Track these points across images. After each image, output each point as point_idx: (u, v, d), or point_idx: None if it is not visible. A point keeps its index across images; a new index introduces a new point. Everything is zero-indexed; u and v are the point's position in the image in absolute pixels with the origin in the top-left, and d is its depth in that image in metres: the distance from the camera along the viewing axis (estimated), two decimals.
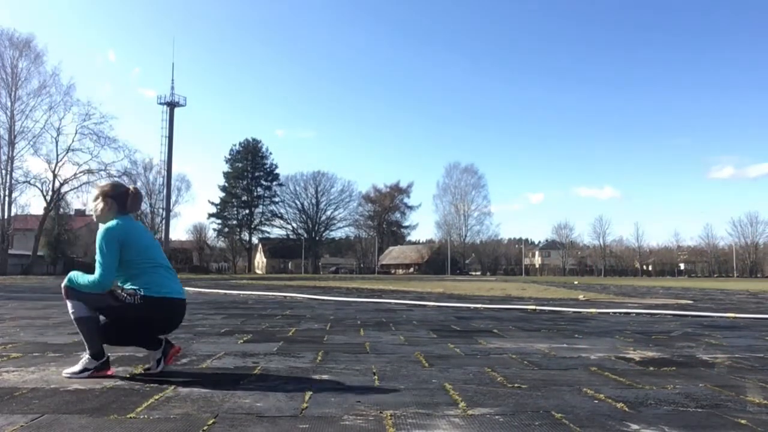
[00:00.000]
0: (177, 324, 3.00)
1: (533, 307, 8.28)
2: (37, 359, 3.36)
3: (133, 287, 2.84)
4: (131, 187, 3.04)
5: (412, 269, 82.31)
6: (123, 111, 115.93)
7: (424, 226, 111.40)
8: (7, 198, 41.47)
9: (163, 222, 62.45)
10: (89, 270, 2.88)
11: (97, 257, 2.81)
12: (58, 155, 43.43)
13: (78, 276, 2.85)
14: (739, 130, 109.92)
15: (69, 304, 2.83)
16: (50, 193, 43.43)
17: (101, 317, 2.84)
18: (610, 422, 2.03)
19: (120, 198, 2.96)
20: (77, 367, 2.83)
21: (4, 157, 41.12)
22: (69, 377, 2.81)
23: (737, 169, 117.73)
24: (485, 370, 3.12)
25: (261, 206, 78.93)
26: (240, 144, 79.11)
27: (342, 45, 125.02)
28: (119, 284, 2.91)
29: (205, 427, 1.92)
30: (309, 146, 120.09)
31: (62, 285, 2.86)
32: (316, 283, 21.84)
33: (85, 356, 2.84)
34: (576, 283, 27.47)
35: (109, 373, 2.86)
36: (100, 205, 2.96)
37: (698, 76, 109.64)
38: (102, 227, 2.86)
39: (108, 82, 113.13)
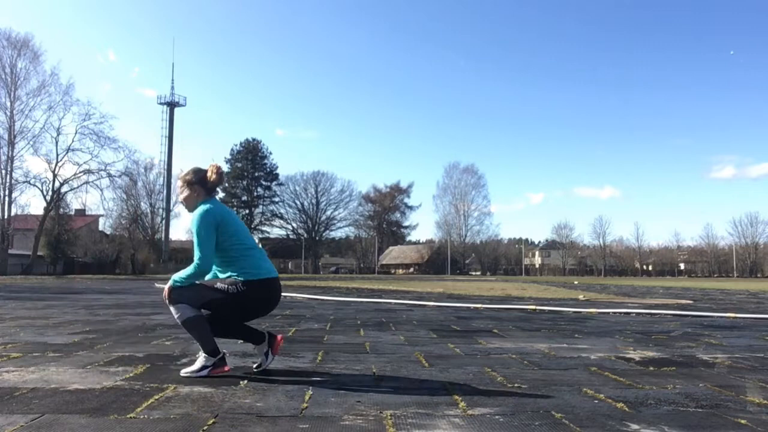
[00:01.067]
0: (276, 304, 2.97)
1: (533, 307, 8.28)
2: (37, 359, 3.36)
3: (232, 275, 2.82)
4: (211, 166, 3.01)
5: (412, 269, 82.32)
6: (123, 110, 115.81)
7: (424, 226, 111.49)
8: (7, 198, 41.47)
9: (163, 222, 62.41)
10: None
11: (195, 241, 2.78)
12: (58, 155, 43.45)
13: (180, 273, 2.84)
14: (740, 129, 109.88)
15: (173, 309, 2.82)
16: (50, 193, 43.42)
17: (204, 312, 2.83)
18: (610, 422, 2.03)
19: (203, 181, 2.95)
20: (196, 366, 2.84)
21: (4, 157, 41.12)
22: (189, 376, 2.81)
23: (738, 169, 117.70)
24: (485, 370, 3.12)
25: (261, 206, 79.01)
26: (240, 144, 79.17)
27: (342, 45, 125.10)
28: (216, 270, 2.89)
29: (205, 427, 1.92)
30: (309, 146, 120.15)
31: (165, 289, 2.85)
32: (316, 283, 21.84)
33: (202, 355, 2.83)
34: (576, 283, 27.47)
35: (226, 369, 2.86)
36: (187, 193, 2.95)
37: (699, 75, 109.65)
38: (196, 211, 2.84)
39: (108, 81, 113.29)
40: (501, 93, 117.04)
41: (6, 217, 41.53)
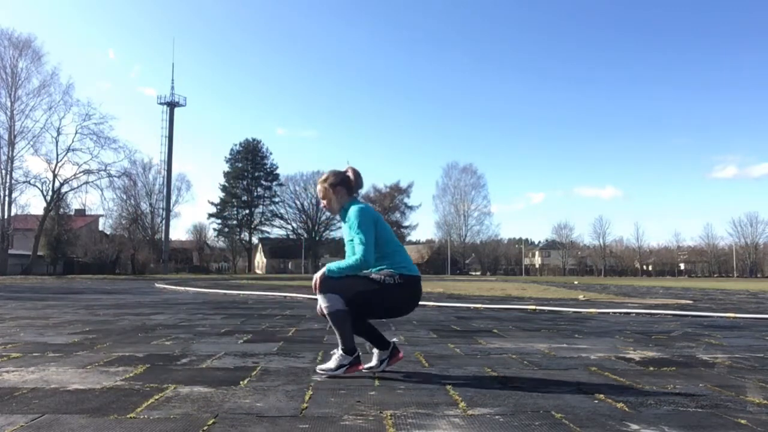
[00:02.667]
0: (415, 306, 2.97)
1: (533, 307, 8.28)
2: (37, 359, 3.36)
3: (389, 268, 2.84)
4: (348, 169, 3.03)
5: None
6: (123, 109, 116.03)
7: (424, 226, 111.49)
8: (7, 198, 41.49)
9: (163, 222, 62.42)
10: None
11: (357, 237, 2.79)
12: (58, 155, 43.49)
13: (336, 263, 2.83)
14: (743, 129, 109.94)
15: (322, 299, 2.82)
16: (50, 193, 43.44)
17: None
18: (610, 422, 2.03)
19: (345, 183, 2.98)
20: (332, 364, 2.85)
21: (4, 157, 41.13)
22: (324, 374, 2.83)
23: (740, 168, 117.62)
24: (485, 370, 3.12)
25: (261, 206, 78.94)
26: (240, 144, 79.12)
27: (342, 44, 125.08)
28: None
29: (205, 427, 1.92)
30: (310, 145, 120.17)
31: (316, 277, 2.84)
32: None
33: (338, 352, 2.84)
34: (576, 283, 27.47)
35: (360, 368, 2.87)
36: (333, 196, 2.96)
37: (699, 75, 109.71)
38: (354, 208, 2.85)
39: (108, 80, 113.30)
40: (501, 93, 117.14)
41: (6, 217, 41.53)
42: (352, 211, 2.85)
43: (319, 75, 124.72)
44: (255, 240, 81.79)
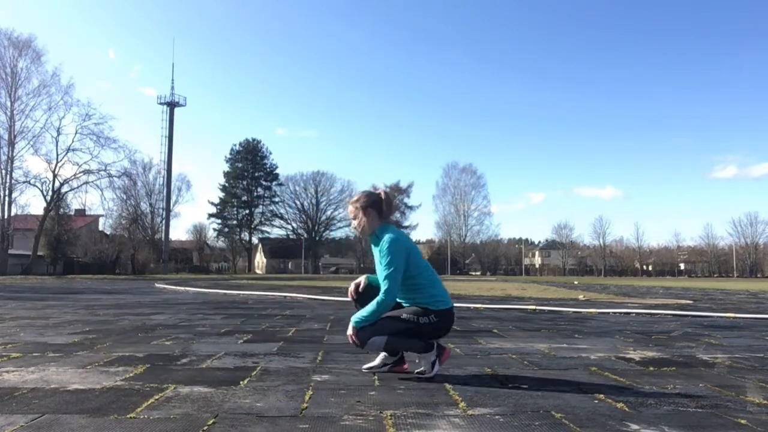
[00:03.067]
0: (447, 333, 2.95)
1: (533, 307, 8.28)
2: (37, 359, 3.36)
3: (419, 302, 2.81)
4: (381, 192, 2.99)
5: None
6: (123, 109, 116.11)
7: (424, 226, 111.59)
8: (7, 198, 41.49)
9: (163, 222, 62.41)
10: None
11: (385, 272, 2.73)
12: (58, 155, 43.49)
13: (360, 314, 2.78)
14: (742, 129, 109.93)
15: (369, 348, 2.81)
16: (50, 193, 43.44)
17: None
18: (610, 422, 2.03)
19: (377, 205, 2.93)
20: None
21: (4, 157, 41.13)
22: (368, 371, 2.88)
23: (740, 168, 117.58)
24: (485, 370, 3.12)
25: (261, 206, 78.95)
26: (240, 144, 79.13)
27: (342, 44, 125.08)
28: (401, 299, 2.85)
29: (205, 427, 1.92)
30: (310, 145, 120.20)
31: (351, 336, 2.80)
32: (316, 283, 21.84)
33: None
34: (576, 283, 27.46)
35: (405, 367, 2.91)
36: (364, 218, 2.92)
37: (700, 75, 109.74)
38: (387, 239, 2.78)
39: (108, 80, 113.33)
40: (501, 93, 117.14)
41: (6, 217, 41.54)
42: (385, 241, 2.78)
43: (319, 75, 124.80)
44: (255, 240, 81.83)
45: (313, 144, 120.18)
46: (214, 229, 78.76)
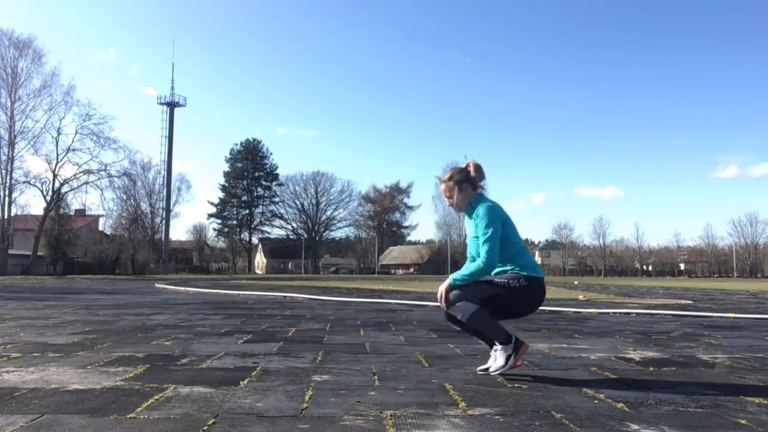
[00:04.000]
0: (538, 308, 2.95)
1: None
2: (37, 359, 3.36)
3: (513, 270, 2.79)
4: (470, 163, 2.96)
5: (412, 269, 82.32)
6: (123, 109, 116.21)
7: (424, 226, 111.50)
8: (7, 198, 41.53)
9: (163, 222, 62.45)
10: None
11: (482, 237, 2.74)
12: (58, 155, 43.54)
13: (460, 273, 2.79)
14: (743, 129, 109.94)
15: (454, 310, 2.79)
16: (50, 193, 43.48)
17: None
18: (610, 422, 2.03)
19: (469, 179, 2.93)
20: (501, 360, 2.82)
21: (4, 157, 41.17)
22: (501, 373, 2.82)
23: (741, 168, 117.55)
24: None
25: (261, 206, 79.06)
26: (240, 144, 79.25)
27: (342, 44, 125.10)
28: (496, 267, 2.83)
29: (205, 427, 1.92)
30: (310, 145, 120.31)
31: (441, 290, 2.79)
32: (316, 283, 21.84)
33: (498, 347, 2.82)
34: (576, 283, 27.46)
35: (526, 348, 2.87)
36: (458, 194, 2.91)
37: (701, 75, 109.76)
38: (483, 206, 2.80)
39: (108, 79, 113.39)
40: (501, 93, 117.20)
41: (6, 217, 41.56)
42: (481, 209, 2.80)
43: (319, 75, 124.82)
44: (255, 240, 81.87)
45: (313, 144, 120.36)
46: (214, 229, 78.86)
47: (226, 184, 77.92)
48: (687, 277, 64.80)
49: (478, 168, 2.95)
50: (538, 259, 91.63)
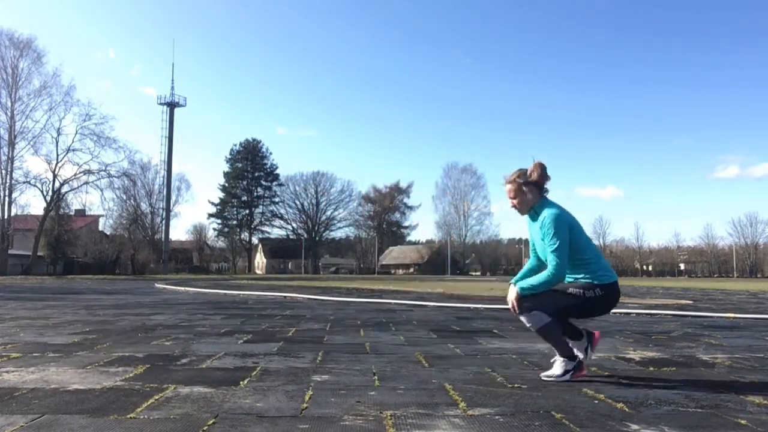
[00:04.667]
0: (612, 309, 2.91)
1: None
2: (37, 359, 3.36)
3: (586, 278, 2.76)
4: (535, 164, 2.90)
5: (412, 269, 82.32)
6: (123, 109, 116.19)
7: (424, 226, 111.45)
8: (7, 198, 41.53)
9: (163, 222, 62.44)
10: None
11: (549, 247, 2.71)
12: (58, 155, 43.52)
13: (528, 282, 2.75)
14: (744, 129, 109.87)
15: (525, 319, 2.77)
16: (50, 193, 43.46)
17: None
18: (610, 422, 2.03)
19: (535, 181, 2.87)
20: (557, 370, 2.81)
21: (4, 157, 41.17)
22: (550, 380, 2.80)
23: (742, 168, 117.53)
24: (485, 370, 3.12)
25: (261, 206, 79.08)
26: (240, 144, 79.24)
27: (342, 44, 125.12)
28: (567, 274, 2.79)
29: (205, 427, 1.92)
30: (310, 145, 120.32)
31: (513, 301, 2.77)
32: (316, 283, 21.84)
33: (559, 359, 2.81)
34: None
35: (583, 374, 2.84)
36: (524, 196, 2.86)
37: (702, 75, 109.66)
38: (549, 214, 2.74)
39: (108, 79, 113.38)
40: (501, 93, 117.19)
41: (6, 217, 41.57)
42: (548, 217, 2.73)
43: (319, 75, 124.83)
44: (255, 240, 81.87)
45: (313, 144, 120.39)
46: (214, 229, 78.87)
47: (226, 184, 77.95)
48: (687, 277, 64.82)
49: (544, 169, 2.88)
50: None
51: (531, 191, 2.85)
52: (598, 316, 2.94)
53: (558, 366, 2.82)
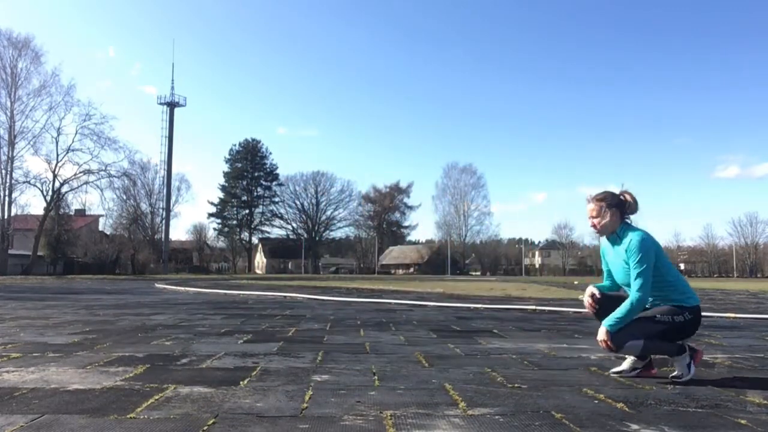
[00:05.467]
0: (696, 331, 2.91)
1: (533, 307, 8.28)
2: (37, 359, 3.36)
3: (674, 303, 2.78)
4: (627, 194, 2.96)
5: (412, 269, 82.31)
6: (123, 108, 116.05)
7: (424, 226, 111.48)
8: (7, 198, 41.53)
9: (163, 222, 62.45)
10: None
11: (635, 270, 2.73)
12: (58, 155, 43.51)
13: (613, 315, 2.77)
14: (745, 129, 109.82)
15: (624, 352, 2.82)
16: (50, 193, 43.45)
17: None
18: (610, 422, 2.03)
19: (622, 206, 2.92)
20: (625, 366, 2.90)
21: (4, 157, 41.17)
22: (617, 375, 2.89)
23: (742, 168, 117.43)
24: (485, 370, 3.12)
25: (261, 206, 79.10)
26: (240, 144, 79.23)
27: (342, 44, 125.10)
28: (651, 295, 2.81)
29: (205, 427, 1.92)
30: (310, 144, 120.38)
31: (605, 341, 2.79)
32: (316, 283, 21.84)
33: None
34: (576, 283, 27.44)
35: (653, 372, 2.91)
36: (608, 217, 2.89)
37: (701, 75, 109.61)
38: (636, 238, 2.77)
39: (108, 78, 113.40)
40: (501, 93, 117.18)
41: (6, 217, 41.57)
42: (633, 242, 2.77)
43: (319, 75, 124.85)
44: (255, 240, 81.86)
45: (314, 143, 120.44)
46: (214, 229, 78.88)
47: (226, 184, 77.97)
48: (687, 277, 64.32)
49: (635, 200, 2.93)
50: (538, 259, 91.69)
51: (614, 215, 2.90)
52: (684, 339, 2.92)
53: (627, 362, 2.90)
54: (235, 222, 78.11)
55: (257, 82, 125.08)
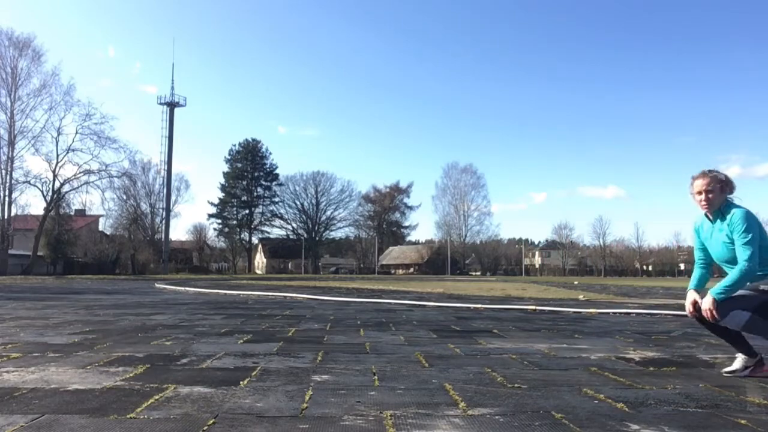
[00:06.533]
0: None
1: (533, 307, 8.28)
2: (37, 359, 3.36)
3: None
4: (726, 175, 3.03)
5: (412, 269, 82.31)
6: (123, 108, 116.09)
7: (424, 226, 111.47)
8: (7, 198, 41.46)
9: (163, 222, 62.38)
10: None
11: (742, 240, 2.79)
12: (58, 155, 43.43)
13: (721, 284, 2.83)
14: (746, 129, 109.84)
15: (727, 322, 2.82)
16: (50, 193, 43.39)
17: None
18: (610, 422, 2.03)
19: (730, 185, 2.98)
20: (737, 365, 2.91)
21: (4, 157, 41.11)
22: (730, 375, 2.89)
23: (744, 168, 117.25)
24: (485, 370, 3.12)
25: (261, 206, 78.97)
26: (240, 144, 79.10)
27: (342, 44, 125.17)
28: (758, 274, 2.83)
29: (205, 427, 1.92)
30: (310, 144, 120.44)
31: (710, 308, 2.81)
32: (316, 283, 21.84)
33: (740, 356, 2.87)
34: (576, 283, 27.45)
35: (765, 370, 2.90)
36: (718, 191, 2.95)
37: (704, 74, 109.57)
38: (741, 211, 2.85)
39: (108, 78, 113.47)
40: (501, 93, 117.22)
41: (6, 217, 41.53)
42: (738, 214, 2.84)
43: (319, 75, 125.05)
44: (255, 240, 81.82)
45: (315, 143, 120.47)
46: (214, 229, 78.78)
47: (226, 184, 77.87)
48: (687, 277, 64.71)
49: (732, 181, 3.02)
50: (538, 259, 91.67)
51: (723, 191, 2.96)
52: None
53: (738, 361, 2.90)
54: (235, 222, 78.04)
55: (257, 82, 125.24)
